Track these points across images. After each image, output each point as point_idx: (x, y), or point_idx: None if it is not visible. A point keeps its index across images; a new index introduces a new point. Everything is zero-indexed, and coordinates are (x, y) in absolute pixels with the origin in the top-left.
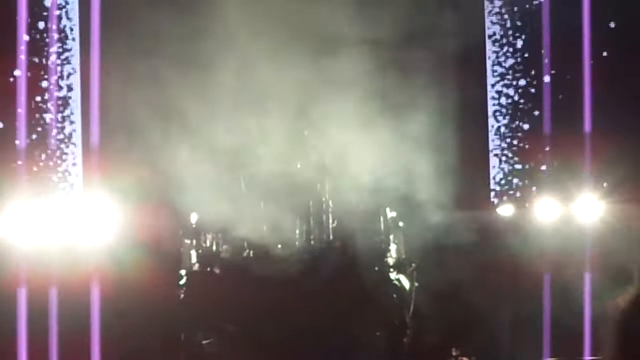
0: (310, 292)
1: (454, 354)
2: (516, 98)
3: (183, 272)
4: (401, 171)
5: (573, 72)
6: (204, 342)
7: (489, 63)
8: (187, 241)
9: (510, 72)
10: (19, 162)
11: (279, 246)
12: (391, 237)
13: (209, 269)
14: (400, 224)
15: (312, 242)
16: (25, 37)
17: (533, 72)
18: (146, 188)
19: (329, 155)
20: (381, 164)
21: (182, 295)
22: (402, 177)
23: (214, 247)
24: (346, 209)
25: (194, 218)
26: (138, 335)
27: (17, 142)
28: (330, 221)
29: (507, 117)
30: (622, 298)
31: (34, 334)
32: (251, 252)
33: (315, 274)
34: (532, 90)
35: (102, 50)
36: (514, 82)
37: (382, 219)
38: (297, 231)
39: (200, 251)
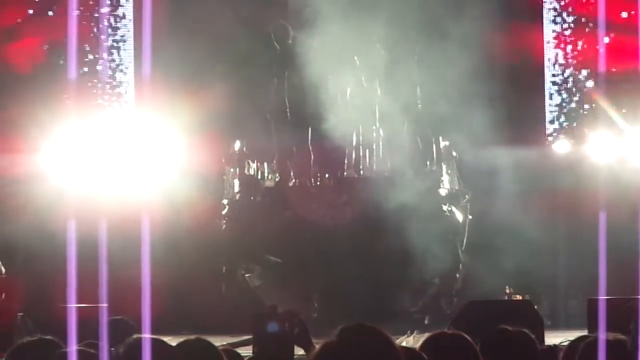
0: (355, 224)
1: (507, 291)
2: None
3: (225, 201)
4: (455, 103)
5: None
6: (246, 275)
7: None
8: (231, 169)
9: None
10: (70, 94)
11: (326, 175)
12: (444, 167)
13: (252, 198)
14: (454, 153)
15: (361, 172)
16: None
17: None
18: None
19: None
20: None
21: (223, 226)
22: (456, 110)
23: (258, 176)
24: (397, 137)
25: (237, 146)
26: (184, 267)
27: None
28: (381, 150)
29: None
30: None
31: (84, 266)
32: (297, 181)
33: (362, 205)
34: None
35: None
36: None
37: (434, 148)
38: (345, 161)
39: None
